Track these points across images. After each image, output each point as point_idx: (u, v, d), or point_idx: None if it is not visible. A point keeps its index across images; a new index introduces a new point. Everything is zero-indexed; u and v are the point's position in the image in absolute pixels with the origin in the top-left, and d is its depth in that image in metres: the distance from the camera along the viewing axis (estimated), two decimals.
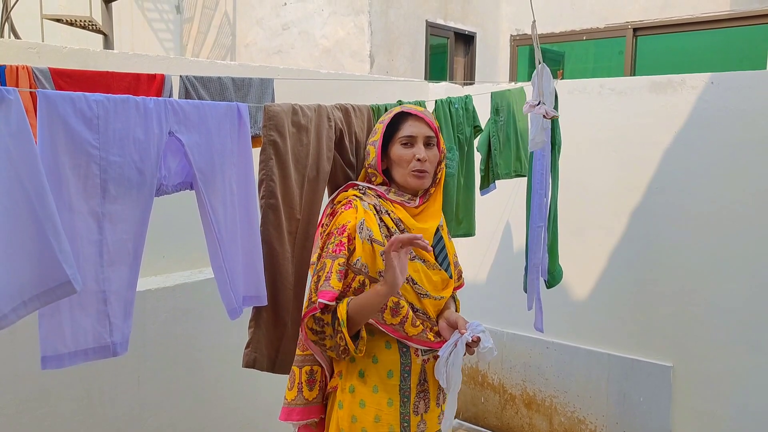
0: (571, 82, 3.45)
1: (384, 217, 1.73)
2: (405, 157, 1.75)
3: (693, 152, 3.06)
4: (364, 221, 1.69)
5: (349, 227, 1.67)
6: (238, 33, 6.69)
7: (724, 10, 5.81)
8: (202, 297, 2.55)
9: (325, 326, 1.64)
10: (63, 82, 1.87)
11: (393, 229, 1.72)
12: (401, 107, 1.82)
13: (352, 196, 1.77)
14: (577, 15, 6.63)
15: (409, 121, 1.78)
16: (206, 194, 1.44)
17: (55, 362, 1.22)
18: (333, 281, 1.62)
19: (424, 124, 1.78)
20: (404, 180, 1.77)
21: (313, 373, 1.82)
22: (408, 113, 1.79)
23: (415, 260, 1.74)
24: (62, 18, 5.61)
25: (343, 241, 1.66)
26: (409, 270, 1.70)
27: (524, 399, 3.68)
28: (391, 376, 1.72)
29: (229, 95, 2.23)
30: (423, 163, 1.75)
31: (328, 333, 1.64)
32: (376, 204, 1.75)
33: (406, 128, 1.77)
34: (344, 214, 1.71)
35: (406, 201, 1.78)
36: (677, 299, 3.13)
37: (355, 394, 1.72)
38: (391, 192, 1.78)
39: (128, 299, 1.34)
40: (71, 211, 1.21)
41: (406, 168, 1.75)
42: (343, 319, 1.61)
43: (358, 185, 1.81)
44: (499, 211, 3.69)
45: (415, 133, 1.76)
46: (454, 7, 6.51)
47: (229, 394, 2.72)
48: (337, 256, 1.65)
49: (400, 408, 1.72)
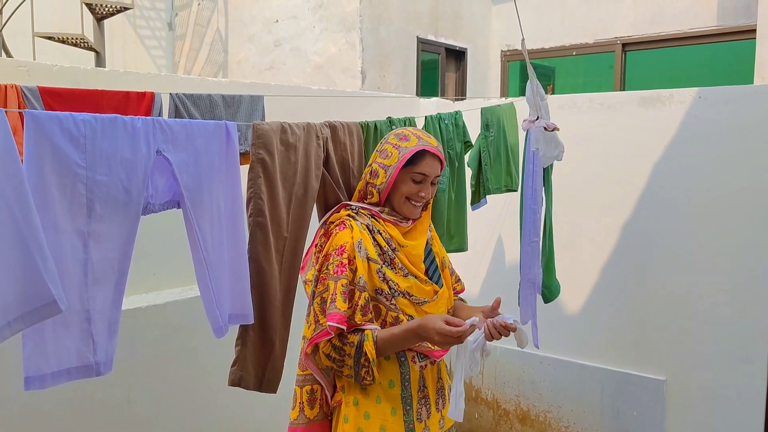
0: (561, 97, 3.47)
1: (376, 236, 1.77)
2: (412, 191, 1.80)
3: (682, 166, 3.08)
4: (361, 241, 1.72)
5: (348, 247, 1.70)
6: (231, 50, 6.72)
7: (712, 26, 5.88)
8: (193, 314, 2.54)
9: (345, 356, 1.67)
10: (52, 101, 1.87)
11: (385, 247, 1.77)
12: (421, 143, 1.81)
13: (345, 216, 1.80)
14: (566, 30, 6.69)
15: (427, 159, 1.80)
16: (193, 212, 1.44)
17: (38, 383, 1.20)
18: (339, 303, 1.65)
19: (438, 163, 1.83)
20: (400, 207, 1.83)
21: (314, 392, 1.84)
22: (427, 151, 1.81)
23: (409, 277, 1.78)
24: (54, 36, 5.61)
25: (344, 261, 1.69)
26: (403, 284, 1.76)
27: (518, 414, 3.66)
28: (393, 386, 1.75)
29: (219, 113, 2.23)
30: (422, 199, 1.82)
31: (348, 363, 1.67)
32: (369, 224, 1.79)
33: (423, 167, 1.80)
34: (340, 234, 1.73)
35: (399, 221, 1.83)
36: (670, 313, 3.14)
37: (359, 407, 1.74)
38: (384, 212, 1.83)
39: (113, 318, 1.33)
40: (57, 230, 1.21)
41: (406, 197, 1.81)
42: (374, 358, 1.66)
43: (351, 206, 1.85)
44: (491, 226, 3.69)
45: (429, 173, 1.81)
46: (444, 23, 6.56)
47: (221, 413, 2.70)
48: (339, 277, 1.68)
49: (404, 416, 1.75)
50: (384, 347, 1.68)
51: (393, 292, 1.73)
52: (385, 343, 1.68)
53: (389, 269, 1.74)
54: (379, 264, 1.73)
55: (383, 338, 1.68)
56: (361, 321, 1.69)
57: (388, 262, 1.76)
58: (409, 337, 1.66)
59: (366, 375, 1.67)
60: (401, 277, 1.75)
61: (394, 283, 1.73)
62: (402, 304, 1.74)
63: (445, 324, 1.57)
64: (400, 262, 1.77)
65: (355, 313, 1.69)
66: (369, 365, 1.66)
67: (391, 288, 1.73)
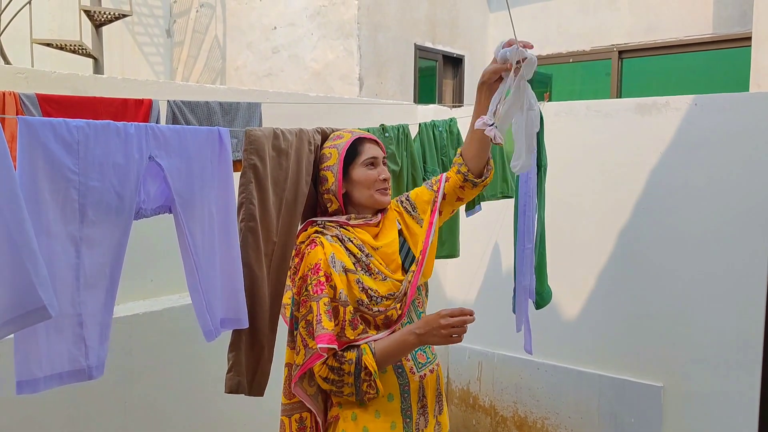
0: (557, 104, 3.49)
1: (348, 245, 1.74)
2: (371, 177, 1.80)
3: (678, 172, 3.09)
4: (334, 255, 1.69)
5: (323, 264, 1.67)
6: (228, 57, 6.74)
7: (707, 33, 5.91)
8: (190, 321, 2.50)
9: (345, 375, 1.64)
10: (50, 108, 1.88)
11: (358, 254, 1.74)
12: (355, 135, 1.85)
13: (313, 234, 1.77)
14: (563, 38, 6.72)
15: (366, 144, 1.83)
16: (184, 218, 1.44)
17: (31, 387, 1.21)
18: (325, 323, 1.62)
19: (378, 147, 1.85)
20: (370, 199, 1.81)
21: (303, 420, 1.79)
22: (363, 138, 1.84)
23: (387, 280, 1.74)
24: (52, 42, 5.63)
25: (321, 280, 1.66)
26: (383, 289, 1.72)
27: (516, 421, 3.66)
28: (392, 399, 1.72)
29: (217, 119, 2.25)
30: (386, 182, 1.82)
31: (348, 381, 1.64)
32: (338, 234, 1.76)
33: (368, 151, 1.82)
34: (312, 253, 1.70)
35: (368, 220, 1.81)
36: (667, 319, 3.14)
37: (357, 422, 1.71)
38: (351, 218, 1.81)
39: (104, 323, 1.34)
40: (49, 235, 1.21)
41: (371, 188, 1.80)
42: (375, 371, 1.63)
43: (317, 221, 1.82)
44: (487, 233, 3.70)
45: (376, 154, 1.82)
46: (442, 30, 6.59)
47: (219, 420, 2.69)
48: (320, 296, 1.65)
49: (404, 429, 1.72)
50: (383, 360, 1.66)
51: (374, 300, 1.70)
52: (384, 354, 1.65)
53: (367, 276, 1.71)
54: (356, 274, 1.70)
55: (381, 349, 1.65)
56: (353, 336, 1.66)
57: (365, 268, 1.73)
58: (409, 343, 1.65)
59: (369, 389, 1.64)
60: (380, 281, 1.72)
61: (374, 291, 1.70)
62: (387, 306, 1.71)
63: (448, 317, 1.58)
64: (376, 267, 1.74)
65: (344, 330, 1.66)
66: (371, 378, 1.63)
67: (371, 297, 1.69)
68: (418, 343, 1.65)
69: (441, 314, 1.61)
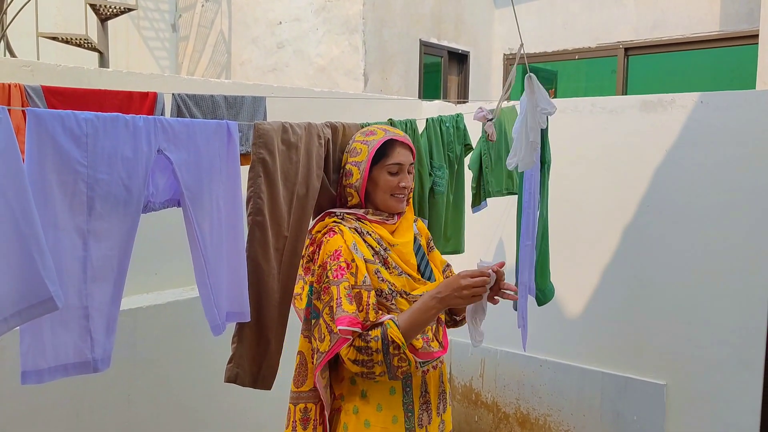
0: (563, 100, 3.48)
1: (366, 238, 1.75)
2: (392, 184, 1.80)
3: (683, 170, 3.08)
4: (355, 243, 1.71)
5: (344, 251, 1.68)
6: (234, 51, 6.74)
7: (714, 31, 5.89)
8: (194, 315, 2.53)
9: (373, 354, 1.62)
10: (55, 100, 1.88)
11: (377, 247, 1.75)
12: (388, 135, 1.83)
13: (331, 223, 1.78)
14: (569, 35, 6.70)
15: (397, 148, 1.81)
16: (193, 211, 1.44)
17: (35, 377, 1.21)
18: (345, 305, 1.62)
19: (409, 152, 1.84)
20: (385, 203, 1.82)
21: (307, 411, 1.79)
22: (395, 140, 1.82)
23: (402, 275, 1.76)
24: (58, 36, 5.64)
25: (342, 265, 1.66)
26: (399, 284, 1.73)
27: (518, 417, 3.66)
28: (394, 393, 1.72)
29: (221, 113, 2.24)
30: (405, 189, 1.82)
31: (377, 360, 1.62)
32: (357, 227, 1.77)
33: (396, 156, 1.80)
34: (331, 241, 1.71)
35: (385, 219, 1.82)
36: (670, 317, 3.13)
37: (359, 415, 1.71)
38: (369, 213, 1.81)
39: (111, 315, 1.34)
40: (56, 227, 1.21)
41: (387, 193, 1.80)
42: (402, 342, 1.61)
43: (335, 212, 1.83)
44: (492, 229, 3.69)
45: (403, 161, 1.81)
46: (447, 26, 6.58)
47: (222, 413, 2.70)
48: (340, 281, 1.65)
49: (405, 423, 1.72)
50: (408, 330, 1.63)
51: (392, 292, 1.71)
52: (408, 324, 1.63)
53: (384, 269, 1.73)
54: (375, 265, 1.71)
55: (405, 320, 1.64)
56: (376, 318, 1.65)
57: (382, 262, 1.74)
58: (431, 308, 1.63)
59: (400, 363, 1.62)
60: (396, 276, 1.74)
61: (391, 284, 1.71)
62: (400, 304, 1.72)
63: (468, 277, 1.59)
64: (393, 261, 1.75)
65: (368, 314, 1.65)
66: (400, 351, 1.61)
67: (389, 288, 1.71)
68: (441, 306, 1.64)
69: (461, 275, 1.62)
